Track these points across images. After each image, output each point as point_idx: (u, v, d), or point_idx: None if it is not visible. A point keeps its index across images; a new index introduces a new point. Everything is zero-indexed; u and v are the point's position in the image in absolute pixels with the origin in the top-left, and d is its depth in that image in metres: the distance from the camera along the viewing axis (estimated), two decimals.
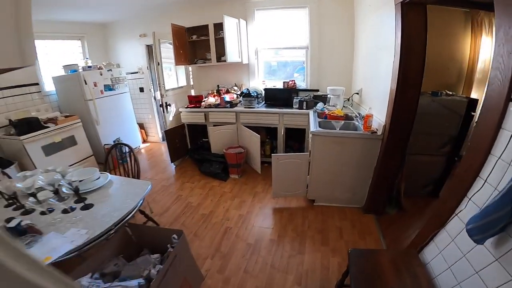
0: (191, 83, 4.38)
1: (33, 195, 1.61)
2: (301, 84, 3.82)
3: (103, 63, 4.12)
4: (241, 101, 3.66)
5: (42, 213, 1.62)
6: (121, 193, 1.85)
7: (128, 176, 2.49)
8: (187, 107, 3.79)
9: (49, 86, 4.02)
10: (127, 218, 1.63)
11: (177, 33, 3.48)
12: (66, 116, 3.65)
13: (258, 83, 4.03)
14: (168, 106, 3.63)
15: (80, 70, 3.76)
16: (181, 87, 4.16)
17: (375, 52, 2.55)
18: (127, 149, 2.50)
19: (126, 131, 4.43)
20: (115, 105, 4.18)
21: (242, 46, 3.70)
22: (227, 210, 2.88)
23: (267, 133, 3.81)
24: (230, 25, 3.39)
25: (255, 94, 3.61)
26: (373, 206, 2.60)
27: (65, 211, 1.64)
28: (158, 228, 2.31)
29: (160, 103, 3.61)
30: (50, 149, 3.36)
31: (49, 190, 1.58)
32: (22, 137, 3.05)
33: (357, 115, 2.74)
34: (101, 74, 3.89)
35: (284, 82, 3.69)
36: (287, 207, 2.89)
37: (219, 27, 3.44)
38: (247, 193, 3.20)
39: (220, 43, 3.46)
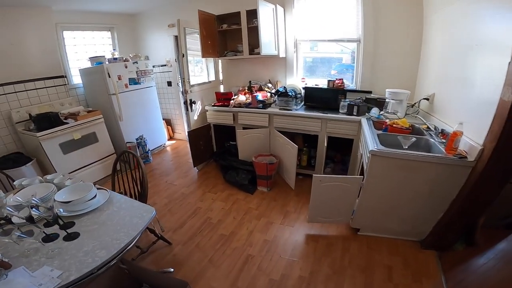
0: (221, 78, 3.93)
1: (6, 219, 1.26)
2: (348, 84, 3.15)
3: (130, 55, 3.85)
4: (275, 101, 3.12)
5: (20, 237, 1.27)
6: (117, 219, 1.44)
7: (136, 186, 2.12)
8: (214, 105, 3.35)
9: (77, 78, 3.87)
10: (114, 261, 1.21)
11: (205, 22, 3.04)
12: (88, 111, 3.43)
13: (297, 80, 3.44)
14: (193, 104, 3.22)
15: (106, 63, 3.51)
16: (209, 82, 3.73)
17: (464, 50, 1.83)
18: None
19: (151, 127, 4.15)
20: (140, 100, 3.90)
21: (279, 37, 3.14)
22: (251, 233, 2.39)
23: (305, 140, 3.22)
24: (265, 12, 2.85)
25: (293, 94, 3.05)
26: (436, 241, 1.95)
27: (46, 239, 1.28)
28: (158, 275, 1.88)
29: (184, 99, 3.20)
30: (68, 147, 3.15)
31: (19, 217, 1.21)
32: (38, 134, 2.86)
33: (432, 128, 2.05)
34: (126, 67, 3.61)
35: (329, 81, 3.06)
36: (324, 235, 2.32)
37: (252, 14, 2.91)
38: (276, 211, 2.68)
39: (254, 33, 2.94)
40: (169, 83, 4.49)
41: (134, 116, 3.86)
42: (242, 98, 3.23)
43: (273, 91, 3.33)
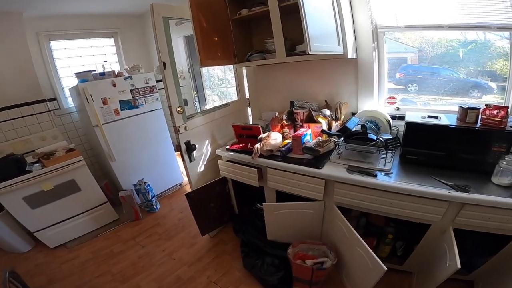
0: (247, 95, 2.54)
1: None
2: None
3: (126, 67, 2.80)
4: (339, 144, 1.59)
5: None
6: None
7: None
8: (229, 148, 2.00)
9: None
10: None
11: (205, 5, 1.69)
12: (68, 151, 2.48)
13: (379, 103, 1.85)
14: (193, 150, 1.93)
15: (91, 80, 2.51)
16: (227, 105, 2.36)
17: None
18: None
19: (159, 164, 3.06)
20: (139, 130, 2.82)
21: (344, 24, 1.60)
22: None
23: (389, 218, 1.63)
24: None
25: (381, 139, 1.47)
26: None
27: None
28: None
29: (175, 144, 1.93)
30: (37, 200, 2.28)
31: None
32: None
33: None
34: (114, 85, 2.54)
35: (464, 109, 1.36)
36: None
37: None
38: None
39: (293, 17, 1.45)
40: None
41: (132, 152, 2.80)
42: (275, 137, 1.79)
43: (336, 125, 1.81)
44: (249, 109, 2.57)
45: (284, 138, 1.88)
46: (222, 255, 2.17)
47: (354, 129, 1.56)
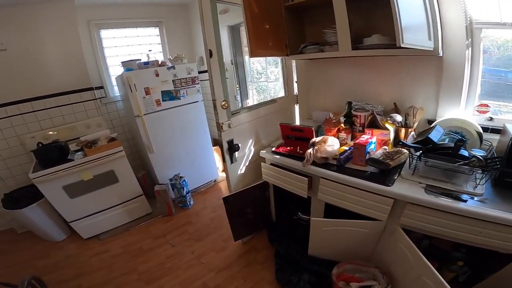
0: (295, 90, 2.31)
1: None
2: None
3: (170, 56, 2.72)
4: (417, 158, 1.29)
5: None
6: None
7: None
8: (276, 151, 1.79)
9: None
10: None
11: None
12: (110, 140, 2.47)
13: (467, 111, 1.51)
14: (236, 150, 1.75)
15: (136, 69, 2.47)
16: (273, 100, 2.15)
17: None
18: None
19: (196, 159, 2.98)
20: (179, 122, 2.74)
21: (435, 15, 1.30)
22: None
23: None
24: None
25: (457, 139, 1.17)
26: None
27: None
28: None
29: (216, 143, 1.77)
30: (76, 190, 2.29)
31: None
32: (32, 175, 2.04)
33: None
34: (157, 75, 2.47)
35: None
36: None
37: None
38: None
39: (356, 7, 1.20)
40: None
41: (171, 145, 2.74)
42: (332, 144, 1.55)
43: (412, 134, 1.52)
44: (297, 107, 2.33)
45: (340, 144, 1.62)
46: (253, 264, 2.00)
47: (440, 142, 1.25)
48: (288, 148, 1.78)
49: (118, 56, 3.03)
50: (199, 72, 2.77)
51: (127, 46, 3.11)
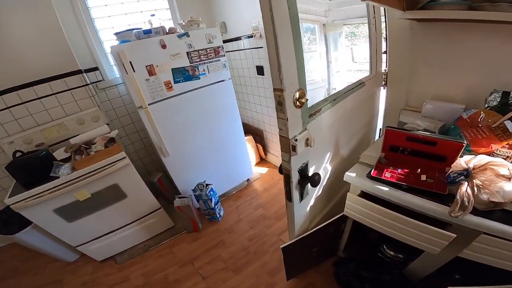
0: (384, 67, 1.40)
1: None
2: None
3: (182, 21, 1.89)
4: None
5: None
6: None
7: None
8: (375, 176, 0.98)
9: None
10: None
11: None
12: (108, 141, 1.80)
13: None
14: (313, 184, 0.96)
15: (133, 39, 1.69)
16: (361, 83, 1.24)
17: None
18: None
19: (224, 156, 2.27)
20: (199, 110, 2.00)
21: None
22: None
23: None
24: None
25: None
26: None
27: None
28: None
29: (284, 168, 0.93)
30: (74, 212, 1.70)
31: None
32: (7, 200, 1.46)
33: None
34: (164, 47, 1.67)
35: None
36: None
37: None
38: None
39: None
40: (260, 69, 2.31)
41: (190, 143, 2.03)
42: (505, 174, 0.73)
43: None
44: (383, 93, 1.46)
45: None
46: None
47: None
48: (401, 171, 0.98)
49: (113, 28, 2.24)
50: (224, 42, 1.93)
51: (125, 15, 2.29)
